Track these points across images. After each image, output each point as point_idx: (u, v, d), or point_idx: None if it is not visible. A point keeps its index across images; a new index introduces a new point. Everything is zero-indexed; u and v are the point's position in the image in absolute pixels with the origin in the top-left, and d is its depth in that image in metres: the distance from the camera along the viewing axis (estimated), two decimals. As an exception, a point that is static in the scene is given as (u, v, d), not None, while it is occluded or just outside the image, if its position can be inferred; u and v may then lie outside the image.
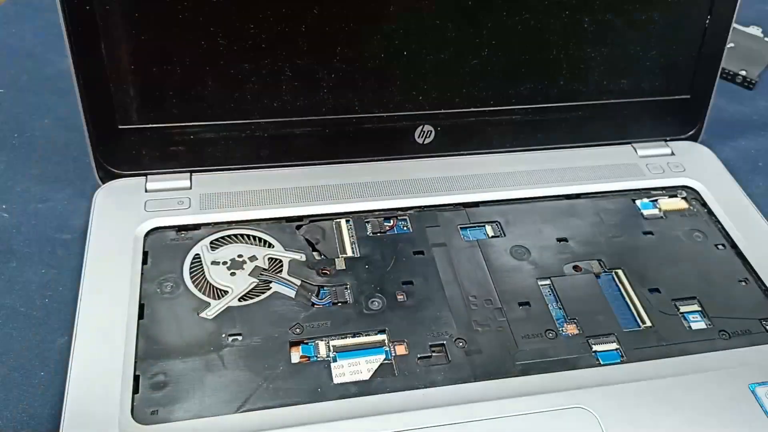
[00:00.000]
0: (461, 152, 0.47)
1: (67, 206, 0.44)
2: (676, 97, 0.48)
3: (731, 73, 0.58)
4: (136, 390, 0.33)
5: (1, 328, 0.37)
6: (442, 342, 0.36)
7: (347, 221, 0.42)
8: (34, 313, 0.38)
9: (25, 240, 0.42)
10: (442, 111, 0.45)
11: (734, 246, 0.43)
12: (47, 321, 0.37)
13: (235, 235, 0.41)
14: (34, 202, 0.44)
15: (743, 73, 0.58)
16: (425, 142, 0.46)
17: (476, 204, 0.44)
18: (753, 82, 0.58)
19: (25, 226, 0.42)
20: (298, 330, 0.36)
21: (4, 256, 0.41)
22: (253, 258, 0.40)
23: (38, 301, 0.38)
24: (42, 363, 0.35)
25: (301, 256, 0.40)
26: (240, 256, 0.40)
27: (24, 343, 0.36)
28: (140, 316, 0.36)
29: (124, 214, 0.41)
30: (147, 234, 0.40)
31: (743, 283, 0.41)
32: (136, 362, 0.34)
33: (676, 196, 0.46)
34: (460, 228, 0.43)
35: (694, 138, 0.50)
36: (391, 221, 0.43)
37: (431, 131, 0.45)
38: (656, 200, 0.46)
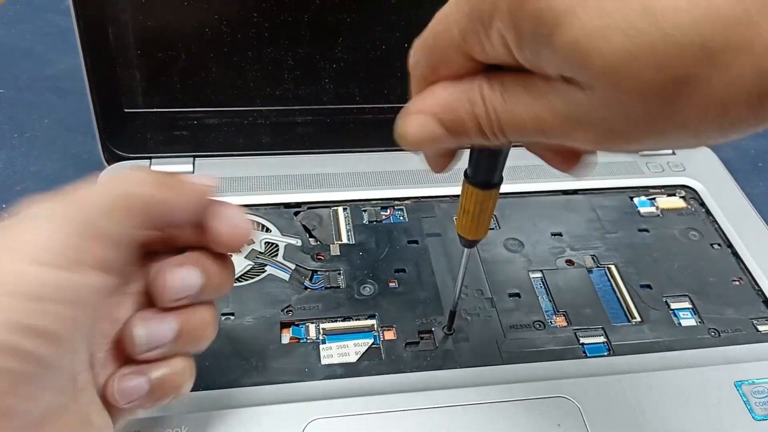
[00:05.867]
0: (461, 145, 0.47)
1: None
2: (679, 96, 0.48)
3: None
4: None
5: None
6: (430, 329, 0.37)
7: (344, 209, 0.43)
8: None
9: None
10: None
11: (730, 245, 0.43)
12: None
13: (234, 219, 0.42)
14: None
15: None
16: (425, 134, 0.46)
17: (473, 196, 0.45)
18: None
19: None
20: (289, 312, 0.37)
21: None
22: (250, 242, 0.40)
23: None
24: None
25: (297, 242, 0.41)
26: (237, 239, 0.41)
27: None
28: (137, 293, 0.37)
29: (127, 195, 0.42)
30: (148, 215, 0.41)
31: (736, 282, 0.41)
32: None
33: (674, 194, 0.46)
34: (456, 219, 0.43)
35: (696, 138, 0.50)
36: (388, 210, 0.43)
37: (431, 123, 0.46)
38: (654, 198, 0.46)
